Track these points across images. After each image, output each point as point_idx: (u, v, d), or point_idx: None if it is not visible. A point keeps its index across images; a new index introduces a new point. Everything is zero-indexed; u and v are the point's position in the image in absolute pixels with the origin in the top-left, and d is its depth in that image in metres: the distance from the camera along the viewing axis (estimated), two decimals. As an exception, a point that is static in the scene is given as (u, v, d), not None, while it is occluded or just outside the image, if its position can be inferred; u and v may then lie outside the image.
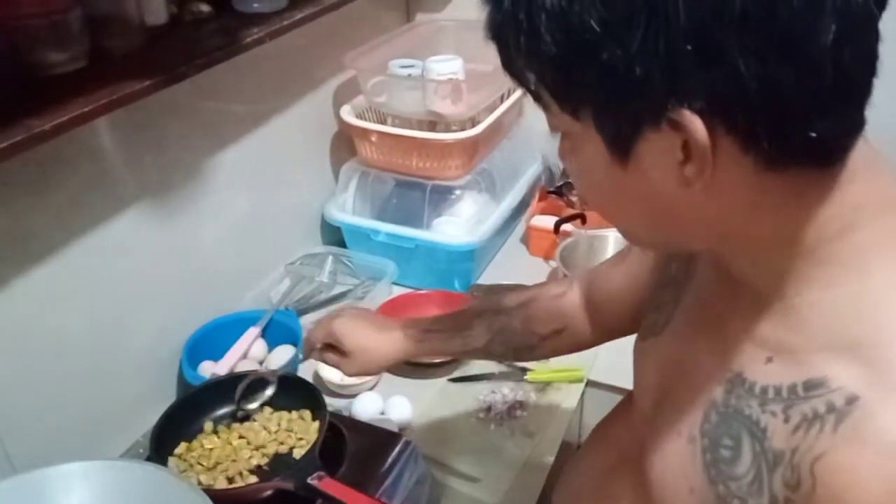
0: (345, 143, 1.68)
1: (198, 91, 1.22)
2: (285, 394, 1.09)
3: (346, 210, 1.65)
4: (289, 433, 1.06)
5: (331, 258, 1.60)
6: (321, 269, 1.57)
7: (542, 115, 0.57)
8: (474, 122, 1.55)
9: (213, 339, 1.35)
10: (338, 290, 1.57)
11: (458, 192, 1.61)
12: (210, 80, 1.13)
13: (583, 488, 0.86)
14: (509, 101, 1.64)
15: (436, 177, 1.57)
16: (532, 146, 1.83)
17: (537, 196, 1.78)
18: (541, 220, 1.70)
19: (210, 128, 1.33)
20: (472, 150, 1.55)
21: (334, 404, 1.27)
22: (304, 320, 1.46)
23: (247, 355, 1.35)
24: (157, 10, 1.12)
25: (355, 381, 1.31)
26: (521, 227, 1.79)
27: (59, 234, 1.07)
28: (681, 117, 0.47)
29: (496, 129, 1.62)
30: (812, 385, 0.50)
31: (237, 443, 1.06)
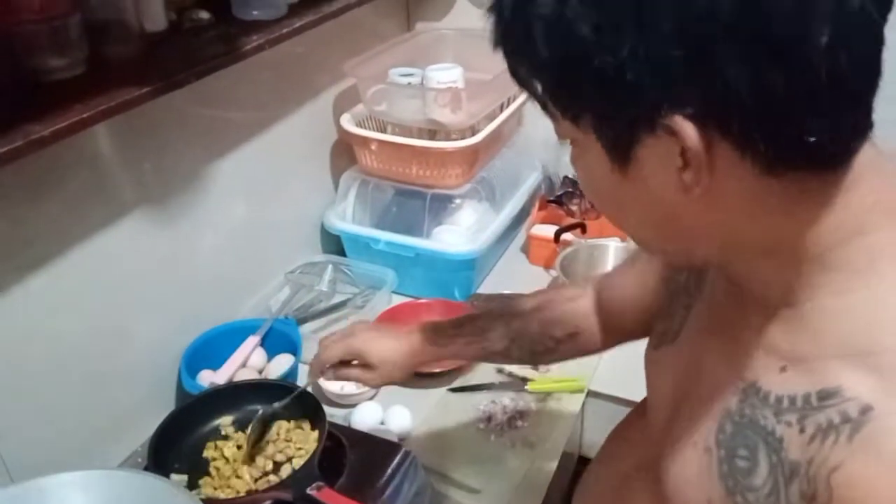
0: (344, 152, 1.68)
1: (197, 98, 1.21)
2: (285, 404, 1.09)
3: (346, 218, 1.65)
4: (288, 443, 1.05)
5: (330, 267, 1.59)
6: (321, 277, 1.57)
7: (542, 124, 0.57)
8: (474, 131, 1.55)
9: (211, 348, 1.34)
10: (337, 298, 1.56)
11: (458, 201, 1.61)
12: (209, 87, 1.13)
13: (602, 496, 0.85)
14: (509, 110, 1.64)
15: (436, 185, 1.56)
16: (532, 155, 1.83)
17: (537, 205, 1.78)
18: (541, 230, 1.70)
19: (209, 135, 1.33)
20: (472, 158, 1.55)
21: (334, 414, 1.27)
22: (304, 329, 1.45)
23: (246, 364, 1.34)
24: (156, 17, 1.12)
25: (355, 391, 1.31)
26: (521, 237, 1.79)
27: (57, 241, 1.06)
28: (673, 123, 0.48)
29: (496, 138, 1.62)
30: (826, 395, 0.49)
31: (236, 452, 1.05)
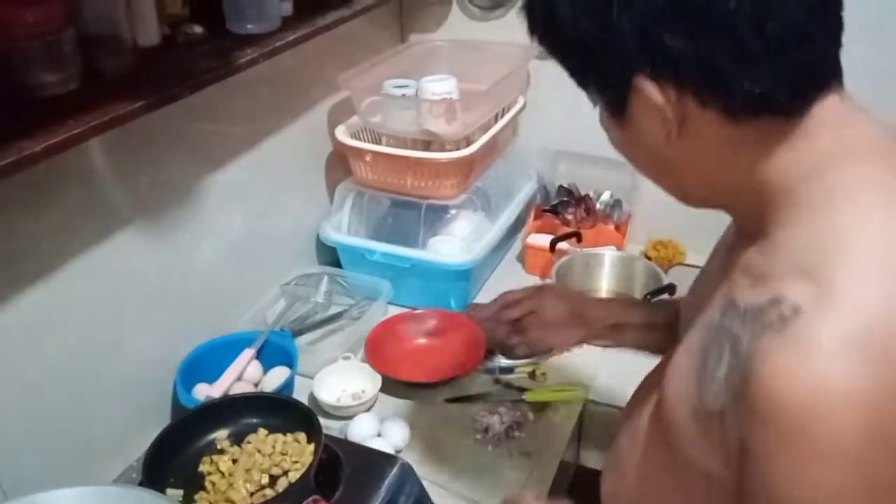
0: (339, 163, 1.68)
1: (191, 112, 1.21)
2: (280, 416, 1.08)
3: (342, 230, 1.65)
4: (284, 456, 1.05)
5: (326, 278, 1.59)
6: (316, 289, 1.57)
7: (536, 134, 0.62)
8: (469, 142, 1.55)
9: (207, 362, 1.34)
10: (333, 310, 1.56)
11: (453, 212, 1.61)
12: (203, 101, 1.13)
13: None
14: (504, 121, 1.64)
15: (431, 196, 1.56)
16: (527, 165, 1.83)
17: (533, 214, 1.78)
18: (537, 239, 1.70)
19: (204, 149, 1.33)
20: (467, 169, 1.55)
21: (329, 426, 1.26)
22: (300, 341, 1.45)
23: (242, 377, 1.33)
24: (149, 31, 1.12)
25: (351, 403, 1.30)
26: (517, 246, 1.79)
27: (52, 256, 1.06)
28: (637, 82, 0.61)
29: (491, 148, 1.62)
30: (773, 301, 0.58)
31: (232, 466, 1.05)
